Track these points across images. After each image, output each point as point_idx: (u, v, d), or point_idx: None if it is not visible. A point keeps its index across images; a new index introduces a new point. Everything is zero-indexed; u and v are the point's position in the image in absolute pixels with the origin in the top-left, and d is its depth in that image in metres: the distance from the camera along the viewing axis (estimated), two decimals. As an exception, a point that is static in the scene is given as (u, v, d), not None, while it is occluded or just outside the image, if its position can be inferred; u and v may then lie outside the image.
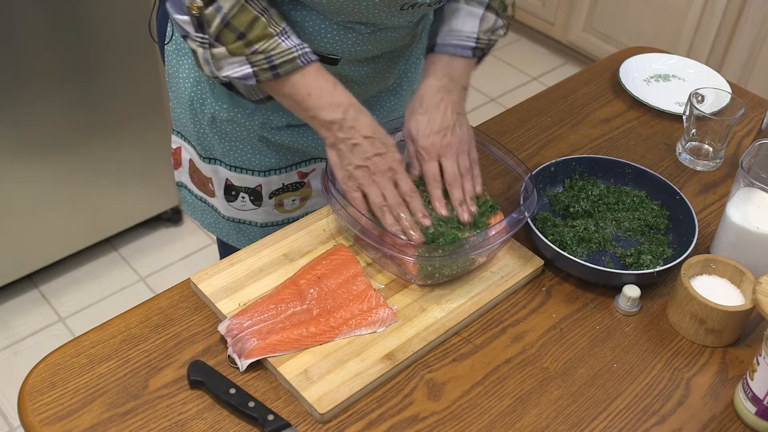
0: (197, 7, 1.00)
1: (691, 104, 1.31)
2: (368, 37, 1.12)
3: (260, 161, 1.25)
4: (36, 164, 2.08)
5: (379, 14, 1.07)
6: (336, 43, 1.11)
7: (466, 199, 1.12)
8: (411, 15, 1.11)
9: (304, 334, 0.99)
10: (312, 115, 1.07)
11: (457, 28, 1.15)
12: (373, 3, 1.05)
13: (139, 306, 1.05)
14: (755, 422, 0.95)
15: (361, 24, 1.10)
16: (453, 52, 1.15)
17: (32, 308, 2.28)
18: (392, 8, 1.07)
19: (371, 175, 1.06)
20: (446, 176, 1.12)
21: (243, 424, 0.92)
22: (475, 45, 1.16)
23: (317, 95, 1.05)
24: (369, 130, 1.06)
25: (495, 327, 1.06)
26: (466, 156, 1.14)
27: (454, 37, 1.15)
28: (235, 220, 1.34)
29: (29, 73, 1.94)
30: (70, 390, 0.95)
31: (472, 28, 1.15)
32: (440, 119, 1.12)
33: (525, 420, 0.95)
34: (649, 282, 1.10)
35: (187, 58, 1.21)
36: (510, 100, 3.15)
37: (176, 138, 1.33)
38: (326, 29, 1.10)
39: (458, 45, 1.15)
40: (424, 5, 1.09)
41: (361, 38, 1.12)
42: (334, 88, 1.06)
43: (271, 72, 1.03)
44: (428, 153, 1.11)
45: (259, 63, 1.03)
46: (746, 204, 1.11)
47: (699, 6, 2.75)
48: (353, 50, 1.13)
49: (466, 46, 1.16)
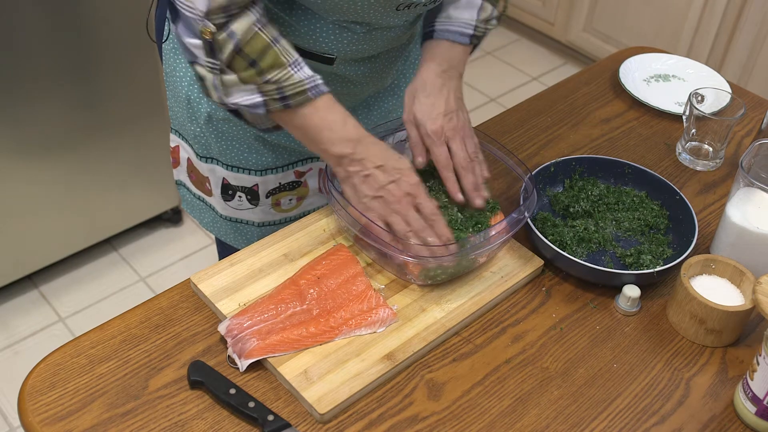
0: (210, 32, 0.98)
1: (691, 104, 1.31)
2: (363, 36, 1.12)
3: (257, 160, 1.25)
4: (36, 164, 2.08)
5: (375, 14, 1.07)
6: (331, 42, 1.11)
7: (478, 183, 1.12)
8: (407, 15, 1.11)
9: (304, 334, 0.99)
10: (323, 149, 1.06)
11: (456, 16, 1.16)
12: (368, 3, 1.04)
13: (139, 306, 1.05)
14: (755, 422, 0.95)
15: (356, 24, 1.10)
16: (452, 38, 1.16)
17: (32, 308, 2.28)
18: (388, 8, 1.07)
19: (389, 204, 1.04)
20: (457, 160, 1.12)
21: (243, 424, 0.92)
22: (473, 33, 1.17)
23: (328, 129, 1.04)
24: (379, 159, 1.05)
25: (495, 327, 1.06)
26: (471, 140, 1.14)
27: (452, 24, 1.16)
28: (232, 219, 1.34)
29: (29, 73, 1.94)
30: (70, 390, 0.95)
31: (470, 16, 1.16)
32: (444, 103, 1.13)
33: (525, 420, 0.95)
34: (649, 282, 1.10)
35: (184, 56, 1.21)
36: (510, 100, 3.15)
37: (174, 137, 1.33)
38: (321, 29, 1.10)
39: (457, 32, 1.16)
40: (419, 5, 1.09)
41: (356, 38, 1.12)
42: (345, 123, 1.05)
43: (282, 102, 1.02)
44: (437, 136, 1.11)
45: (270, 93, 1.02)
46: (746, 204, 1.11)
47: (699, 6, 2.75)
48: (349, 50, 1.13)
49: (465, 33, 1.16)
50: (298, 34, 1.10)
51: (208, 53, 1.00)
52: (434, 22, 1.18)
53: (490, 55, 3.42)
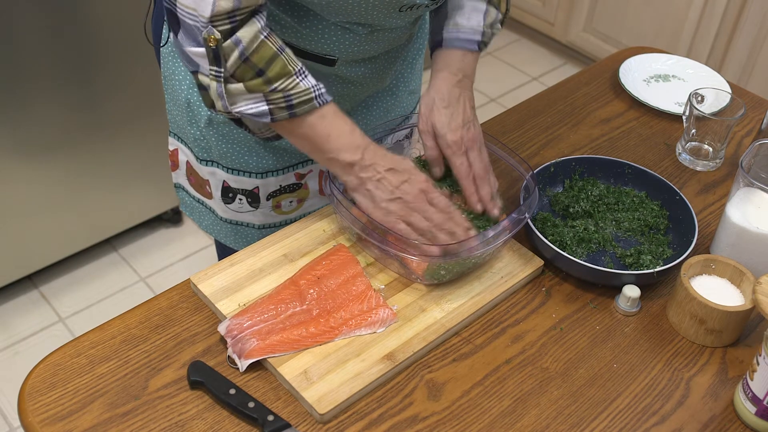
0: (215, 38, 0.97)
1: (691, 104, 1.31)
2: (366, 37, 1.12)
3: (257, 163, 1.25)
4: (36, 164, 2.08)
5: (378, 15, 1.07)
6: (333, 43, 1.11)
7: (494, 193, 1.14)
8: (409, 16, 1.11)
9: (304, 334, 0.99)
10: (331, 157, 1.06)
11: (463, 23, 1.16)
12: (372, 4, 1.04)
13: (139, 306, 1.05)
14: (755, 422, 0.95)
15: (359, 25, 1.10)
16: (461, 46, 1.17)
17: (32, 308, 2.28)
18: (391, 9, 1.07)
19: (407, 204, 1.05)
20: (475, 170, 1.13)
21: (243, 424, 0.92)
22: (481, 39, 1.17)
23: (336, 137, 1.04)
24: (388, 162, 1.05)
25: (495, 327, 1.06)
26: (485, 149, 1.16)
27: (460, 31, 1.16)
28: (232, 221, 1.33)
29: (29, 74, 1.94)
30: (70, 390, 0.95)
31: (477, 22, 1.17)
32: (462, 113, 1.14)
33: (525, 420, 0.95)
34: (648, 282, 1.10)
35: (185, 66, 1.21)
36: (510, 100, 3.15)
37: (173, 140, 1.32)
38: (324, 30, 1.10)
39: (466, 39, 1.16)
40: (422, 6, 1.09)
41: (358, 39, 1.12)
42: (353, 130, 1.06)
43: (288, 111, 1.02)
44: (458, 147, 1.12)
45: (276, 101, 1.01)
46: (746, 204, 1.11)
47: (699, 6, 2.75)
48: (351, 51, 1.13)
49: (473, 40, 1.17)
50: (300, 36, 1.10)
51: (212, 61, 0.99)
52: (442, 30, 1.18)
53: (490, 55, 3.42)
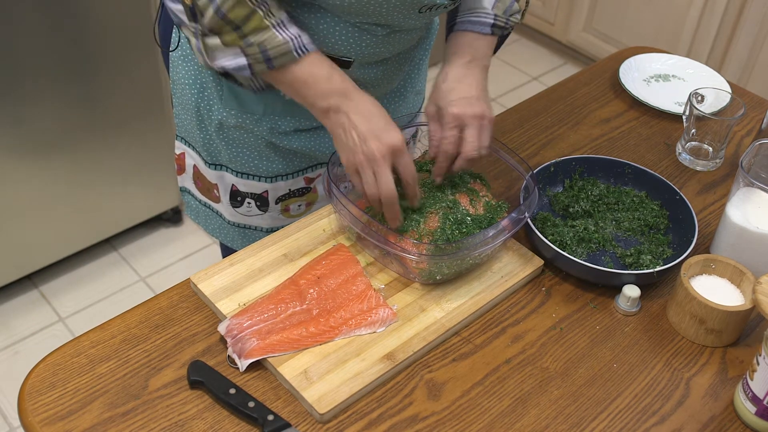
0: None
1: (691, 104, 1.31)
2: (383, 39, 1.12)
3: (267, 167, 1.25)
4: (36, 164, 2.08)
5: (398, 16, 1.07)
6: (350, 45, 1.11)
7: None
8: (427, 17, 1.11)
9: (304, 334, 0.99)
10: (310, 103, 1.07)
11: (475, 6, 1.16)
12: (392, 5, 1.04)
13: (139, 306, 1.05)
14: (755, 422, 0.95)
15: (377, 26, 1.09)
16: (472, 29, 1.16)
17: (32, 308, 2.28)
18: (411, 10, 1.07)
19: (367, 159, 1.03)
20: (466, 147, 1.10)
21: (243, 424, 0.92)
22: (493, 22, 1.16)
23: (313, 84, 1.04)
24: (364, 113, 1.04)
25: (495, 327, 1.06)
26: (488, 133, 1.12)
27: (472, 13, 1.16)
28: (240, 225, 1.33)
29: (29, 73, 1.94)
30: (70, 390, 0.95)
31: (488, 4, 1.16)
32: (465, 89, 1.12)
33: (525, 420, 0.95)
34: (648, 282, 1.10)
35: (193, 64, 1.20)
36: (510, 100, 3.15)
37: (180, 144, 1.32)
38: (341, 31, 1.09)
39: (477, 21, 1.16)
40: (441, 6, 1.09)
41: (375, 40, 1.11)
42: (330, 76, 1.05)
43: (266, 64, 1.02)
44: (455, 120, 1.10)
45: (253, 55, 1.02)
46: (746, 204, 1.11)
47: (699, 6, 2.75)
48: (367, 52, 1.13)
49: (485, 22, 1.16)
50: (317, 37, 1.09)
51: (190, 17, 1.01)
52: (456, 15, 1.18)
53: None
